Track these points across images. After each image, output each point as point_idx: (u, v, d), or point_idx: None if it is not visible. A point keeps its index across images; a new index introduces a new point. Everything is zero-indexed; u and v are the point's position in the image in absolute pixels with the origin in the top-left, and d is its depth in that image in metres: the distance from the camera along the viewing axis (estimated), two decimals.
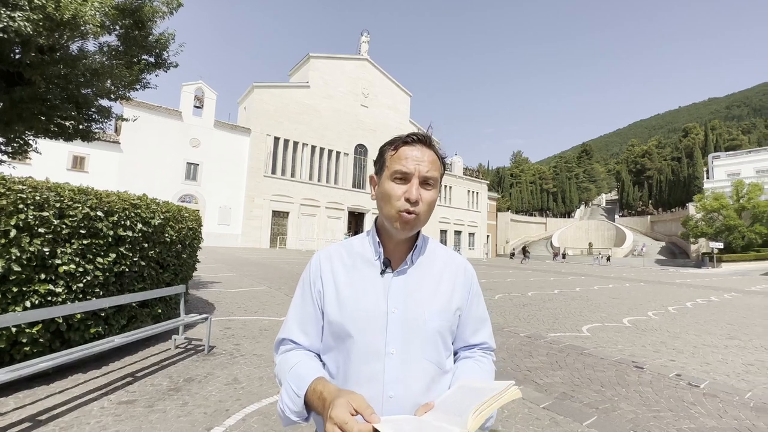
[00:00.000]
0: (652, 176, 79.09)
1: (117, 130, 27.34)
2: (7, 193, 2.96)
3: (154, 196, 4.68)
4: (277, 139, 33.69)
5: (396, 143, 0.90)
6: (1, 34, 4.54)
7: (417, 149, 0.88)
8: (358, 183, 38.97)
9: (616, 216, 76.73)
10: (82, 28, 5.25)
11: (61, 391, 2.92)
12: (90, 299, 3.45)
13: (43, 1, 4.64)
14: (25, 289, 3.03)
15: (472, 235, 48.36)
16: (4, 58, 5.30)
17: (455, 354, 1.00)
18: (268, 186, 32.65)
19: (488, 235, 51.01)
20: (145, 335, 3.55)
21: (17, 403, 2.67)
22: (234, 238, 31.02)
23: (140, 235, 4.03)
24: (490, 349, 1.03)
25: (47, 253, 3.14)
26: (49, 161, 21.72)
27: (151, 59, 7.19)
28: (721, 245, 34.13)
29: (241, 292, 8.27)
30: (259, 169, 32.37)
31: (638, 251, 49.91)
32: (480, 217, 49.43)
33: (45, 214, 3.13)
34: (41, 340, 3.12)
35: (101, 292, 3.61)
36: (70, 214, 3.32)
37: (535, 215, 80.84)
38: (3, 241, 2.90)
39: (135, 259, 3.99)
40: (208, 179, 30.42)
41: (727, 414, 3.02)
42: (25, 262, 3.01)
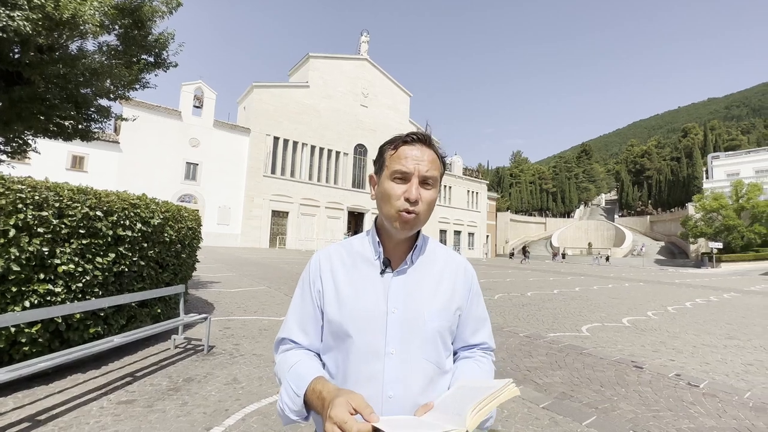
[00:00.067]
0: (652, 176, 79.16)
1: (116, 130, 27.31)
2: (6, 192, 2.96)
3: (154, 196, 4.68)
4: (276, 139, 33.67)
5: (396, 143, 0.89)
6: (0, 34, 4.53)
7: (417, 148, 0.88)
8: (358, 183, 38.97)
9: (616, 216, 76.79)
10: (82, 28, 5.24)
11: (60, 391, 2.91)
12: (89, 299, 3.45)
13: (43, 1, 4.63)
14: (24, 288, 3.03)
15: (471, 235, 48.38)
16: (3, 57, 5.29)
17: (455, 354, 0.99)
18: (267, 186, 32.64)
19: (488, 235, 51.03)
20: (145, 335, 3.55)
21: (16, 403, 2.67)
22: (233, 238, 31.01)
23: (139, 234, 4.03)
24: (490, 349, 1.02)
25: (46, 253, 3.14)
26: (49, 161, 21.68)
27: (151, 59, 7.19)
28: (720, 245, 34.20)
29: (240, 291, 8.27)
30: (259, 169, 32.35)
31: (637, 251, 49.94)
32: (479, 217, 49.45)
33: (44, 213, 3.13)
34: (40, 340, 3.11)
35: (100, 292, 3.60)
36: (70, 213, 3.31)
37: (535, 215, 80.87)
38: (2, 241, 2.90)
39: (134, 259, 3.99)
40: (207, 179, 30.40)
41: (726, 414, 3.03)
42: (24, 262, 3.01)
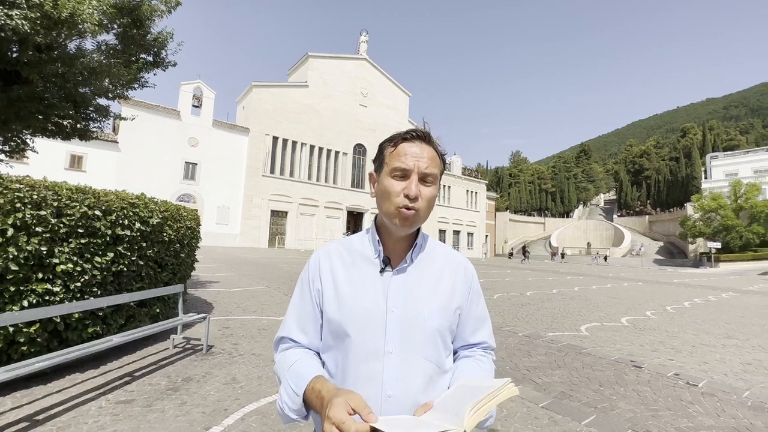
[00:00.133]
0: (651, 176, 79.27)
1: (115, 130, 27.25)
2: (5, 191, 2.95)
3: (152, 196, 4.67)
4: (275, 139, 33.64)
5: (395, 140, 0.89)
6: None
7: (416, 145, 0.87)
8: (357, 183, 38.95)
9: (615, 216, 76.84)
10: (80, 27, 5.23)
11: (58, 391, 2.90)
12: (88, 298, 3.44)
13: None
14: (22, 288, 3.02)
15: (470, 234, 48.40)
16: (1, 56, 5.28)
17: (455, 353, 0.99)
18: (266, 185, 32.60)
19: (487, 235, 51.07)
20: (144, 335, 3.54)
21: (14, 403, 2.66)
22: (232, 238, 30.97)
23: (138, 234, 4.02)
24: (490, 349, 1.02)
25: (45, 252, 3.13)
26: (47, 160, 21.65)
27: (150, 58, 7.18)
28: (718, 245, 34.29)
29: (239, 291, 8.26)
30: (258, 169, 32.31)
31: (636, 251, 50.02)
32: (479, 217, 49.48)
33: (42, 213, 3.12)
34: (39, 340, 3.10)
35: (99, 292, 3.60)
36: (68, 213, 3.30)
37: (534, 215, 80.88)
38: (0, 240, 2.89)
39: (133, 259, 3.98)
40: (206, 179, 30.36)
41: (725, 413, 3.03)
42: (23, 261, 3.00)
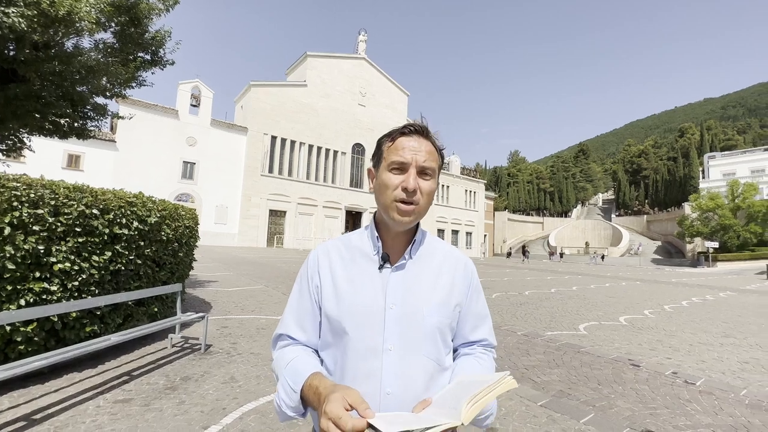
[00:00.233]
0: (649, 176, 79.42)
1: (113, 129, 27.16)
2: (1, 190, 2.93)
3: (150, 195, 4.65)
4: (274, 138, 33.58)
5: (393, 134, 0.89)
6: None
7: (414, 140, 0.87)
8: (356, 182, 38.93)
9: (613, 215, 76.94)
10: (77, 25, 5.20)
11: (56, 390, 2.89)
12: (85, 297, 3.43)
13: None
14: (19, 287, 3.01)
15: (469, 234, 48.43)
16: None
17: (455, 351, 0.98)
18: (265, 185, 32.56)
19: (485, 235, 51.12)
20: (142, 334, 3.52)
21: (12, 402, 2.65)
22: (231, 237, 30.92)
23: (136, 233, 4.00)
24: (491, 346, 1.01)
25: (42, 251, 3.11)
26: (44, 160, 21.57)
27: (147, 57, 7.15)
28: (716, 245, 34.42)
29: (238, 291, 8.24)
30: (256, 168, 32.26)
31: (634, 250, 50.17)
32: (477, 217, 49.52)
33: (40, 211, 3.11)
34: (36, 339, 3.09)
35: (97, 291, 3.58)
36: (66, 211, 3.29)
37: (532, 215, 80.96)
38: None
39: (131, 258, 3.97)
40: (204, 178, 30.30)
41: (723, 411, 3.04)
42: (20, 260, 2.99)
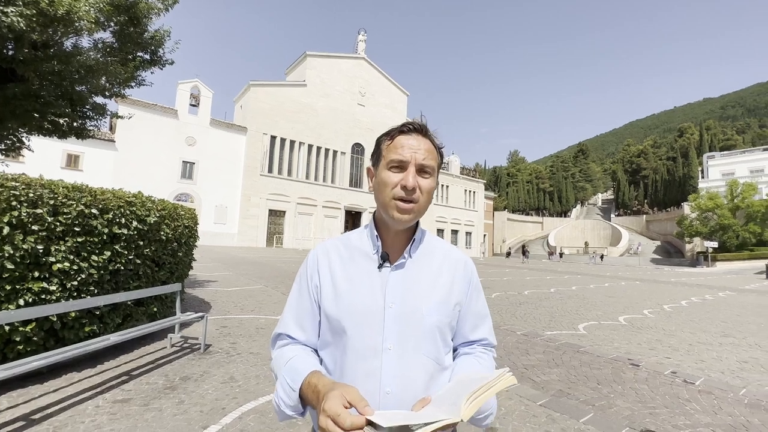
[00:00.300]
0: (648, 176, 79.49)
1: (112, 128, 27.14)
2: (0, 189, 2.93)
3: (150, 194, 4.65)
4: (273, 138, 33.56)
5: (392, 133, 0.89)
6: None
7: (413, 138, 0.87)
8: (355, 182, 38.92)
9: (612, 215, 77.02)
10: (76, 24, 5.19)
11: (55, 390, 2.89)
12: (84, 297, 3.42)
13: None
14: (18, 286, 3.00)
15: (468, 234, 48.46)
16: None
17: (455, 350, 0.98)
18: (264, 185, 32.53)
19: (485, 234, 51.14)
20: (141, 334, 3.52)
21: (10, 402, 2.65)
22: (230, 237, 30.90)
23: (135, 233, 4.00)
24: (491, 346, 1.00)
25: (41, 251, 3.11)
26: (43, 159, 21.54)
27: (147, 56, 7.14)
28: (715, 244, 34.46)
29: (237, 290, 8.24)
30: (256, 168, 32.24)
31: (634, 250, 50.20)
32: (477, 217, 49.54)
33: (39, 211, 3.10)
34: (35, 339, 3.08)
35: (96, 290, 3.58)
36: (65, 211, 3.28)
37: (532, 214, 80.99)
38: None
39: (130, 257, 3.96)
40: (204, 178, 30.27)
41: (722, 410, 3.05)
42: (19, 260, 2.98)
